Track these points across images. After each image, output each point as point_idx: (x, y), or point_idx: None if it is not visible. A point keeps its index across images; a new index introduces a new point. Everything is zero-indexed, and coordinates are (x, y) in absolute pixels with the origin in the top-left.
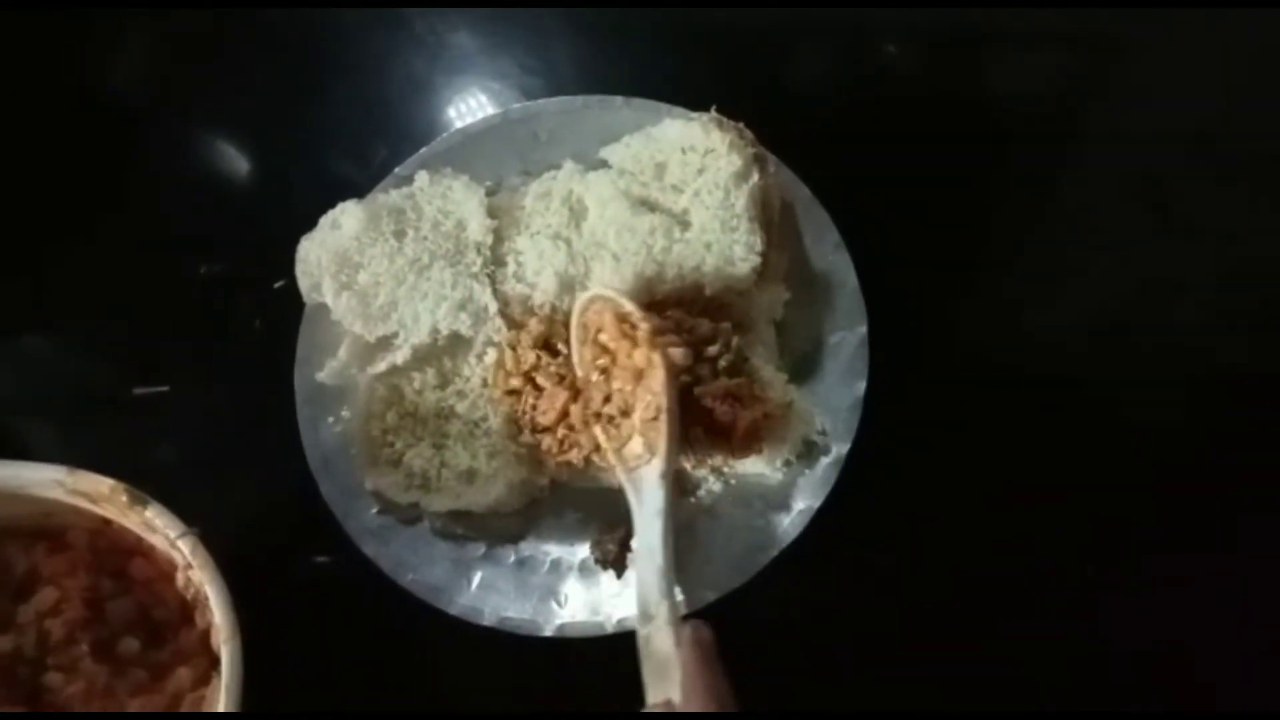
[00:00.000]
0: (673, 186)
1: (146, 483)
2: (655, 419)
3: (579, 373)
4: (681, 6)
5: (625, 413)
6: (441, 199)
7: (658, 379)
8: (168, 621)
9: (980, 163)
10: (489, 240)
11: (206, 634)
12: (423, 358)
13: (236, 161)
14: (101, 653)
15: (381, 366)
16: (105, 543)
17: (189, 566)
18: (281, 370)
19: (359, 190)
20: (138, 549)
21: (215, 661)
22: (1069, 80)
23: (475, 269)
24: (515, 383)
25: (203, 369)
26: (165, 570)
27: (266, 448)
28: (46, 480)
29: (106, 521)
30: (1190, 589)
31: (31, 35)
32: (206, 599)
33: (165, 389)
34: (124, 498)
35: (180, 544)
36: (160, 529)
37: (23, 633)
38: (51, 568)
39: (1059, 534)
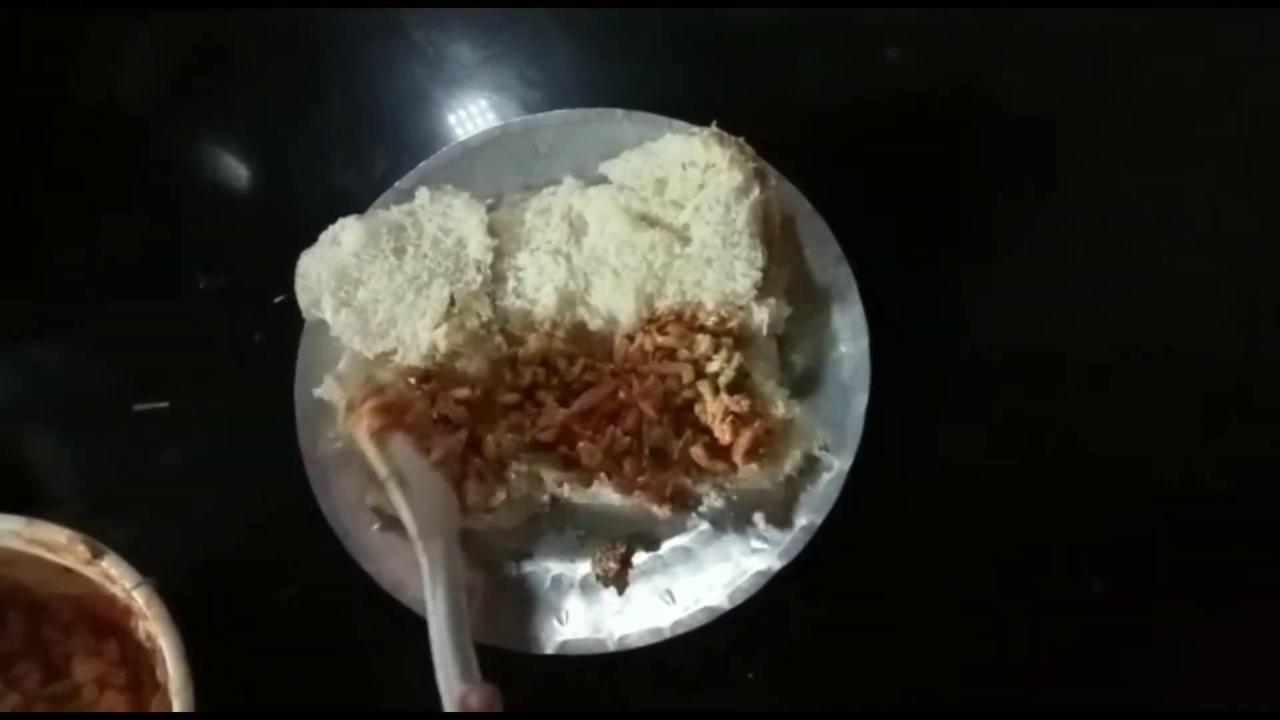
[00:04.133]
0: (673, 202)
1: (145, 498)
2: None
3: None
4: (682, 7)
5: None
6: (442, 216)
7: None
8: None
9: (984, 174)
10: (489, 259)
11: None
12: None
13: (236, 174)
14: None
15: None
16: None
17: (145, 617)
18: (281, 385)
19: (360, 203)
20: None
21: None
22: (1074, 86)
23: (475, 287)
24: (514, 399)
25: (202, 383)
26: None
27: (266, 464)
28: (4, 530)
29: (66, 570)
30: (1196, 600)
31: (31, 47)
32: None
33: (165, 404)
34: (81, 548)
35: (135, 594)
36: (116, 579)
37: None
38: None
39: (1063, 547)
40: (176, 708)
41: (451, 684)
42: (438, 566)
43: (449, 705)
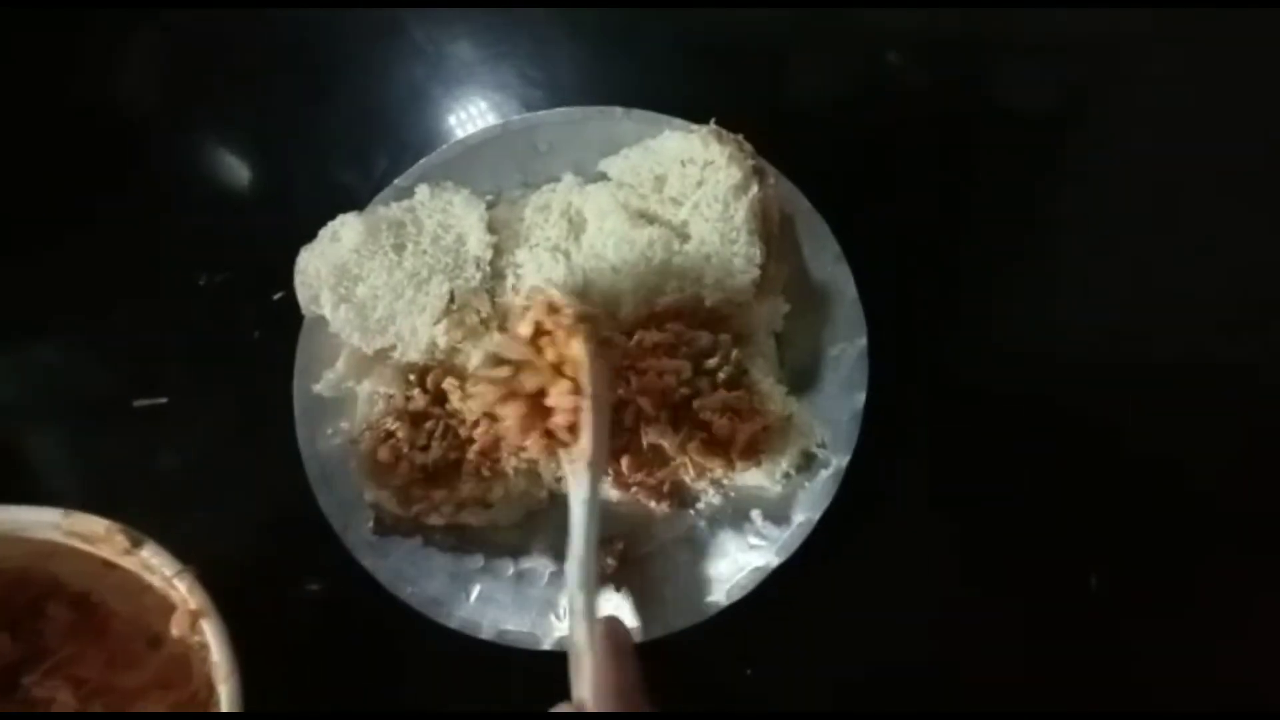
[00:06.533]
0: (672, 199)
1: (145, 495)
2: (575, 407)
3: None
4: (683, 8)
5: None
6: (442, 213)
7: (581, 365)
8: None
9: (981, 173)
10: (489, 255)
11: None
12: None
13: (237, 172)
14: None
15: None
16: None
17: (187, 605)
18: (280, 382)
19: (360, 201)
20: None
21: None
22: (1073, 88)
23: (474, 283)
24: None
25: (202, 380)
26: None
27: (265, 460)
28: (43, 523)
29: (107, 564)
30: (1195, 597)
31: (32, 45)
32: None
33: (164, 400)
34: (120, 537)
35: (176, 582)
36: (156, 568)
37: None
38: None
39: (1061, 544)
40: (223, 694)
41: (584, 616)
42: (592, 495)
43: (581, 640)
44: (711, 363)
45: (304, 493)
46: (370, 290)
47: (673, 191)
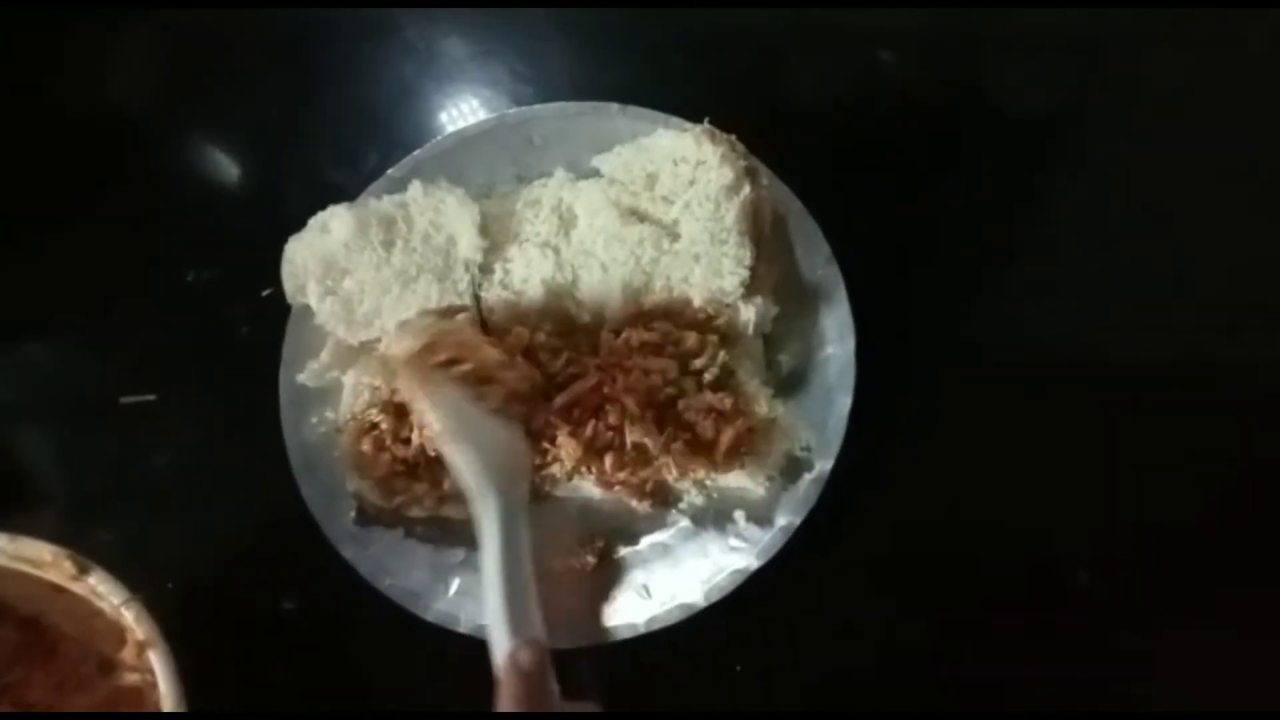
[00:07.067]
0: (663, 198)
1: (132, 491)
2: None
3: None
4: (676, 7)
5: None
6: (434, 212)
7: (414, 409)
8: None
9: (976, 176)
10: (479, 259)
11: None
12: None
13: (227, 169)
14: None
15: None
16: None
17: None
18: (268, 377)
19: (350, 198)
20: None
21: None
22: (1068, 88)
23: (462, 286)
24: None
25: (190, 376)
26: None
27: (253, 456)
28: None
29: (56, 588)
30: (1181, 593)
31: (25, 44)
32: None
33: (152, 398)
34: (67, 563)
35: (124, 611)
36: (105, 595)
37: None
38: None
39: (1049, 543)
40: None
41: (500, 641)
42: (490, 524)
43: (498, 662)
44: (698, 363)
45: (291, 487)
46: (357, 285)
47: (664, 190)
